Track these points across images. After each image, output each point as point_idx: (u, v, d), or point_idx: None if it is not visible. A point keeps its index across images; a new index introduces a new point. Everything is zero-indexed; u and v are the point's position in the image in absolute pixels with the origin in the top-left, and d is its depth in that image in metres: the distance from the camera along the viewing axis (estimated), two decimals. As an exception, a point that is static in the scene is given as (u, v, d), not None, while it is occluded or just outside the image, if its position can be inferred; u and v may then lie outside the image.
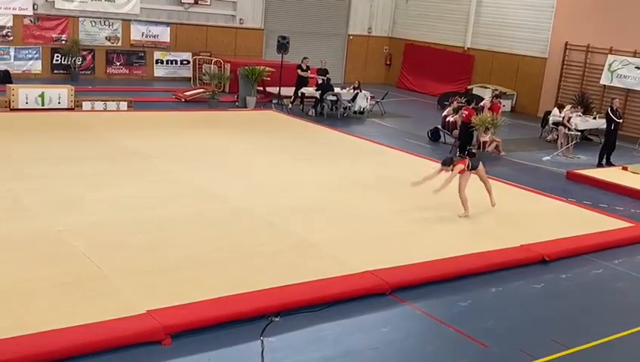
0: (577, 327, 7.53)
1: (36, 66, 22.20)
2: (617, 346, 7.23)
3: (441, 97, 23.92)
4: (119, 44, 23.55)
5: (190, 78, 24.16)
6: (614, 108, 16.36)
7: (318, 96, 20.23)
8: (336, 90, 20.63)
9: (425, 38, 28.22)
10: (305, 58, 21.52)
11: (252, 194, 10.88)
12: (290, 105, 20.66)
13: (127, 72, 23.87)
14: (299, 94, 20.97)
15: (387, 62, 30.01)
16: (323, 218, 10.04)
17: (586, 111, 20.62)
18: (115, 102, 17.73)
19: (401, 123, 20.30)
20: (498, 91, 21.47)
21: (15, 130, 14.24)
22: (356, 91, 20.65)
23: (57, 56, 22.41)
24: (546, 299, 8.23)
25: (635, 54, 21.46)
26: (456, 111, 17.40)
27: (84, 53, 22.82)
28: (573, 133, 17.77)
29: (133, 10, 23.37)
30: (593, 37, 22.46)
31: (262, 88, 21.57)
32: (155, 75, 24.30)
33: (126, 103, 17.85)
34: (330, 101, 20.29)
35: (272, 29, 26.09)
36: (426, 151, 16.19)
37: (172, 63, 24.66)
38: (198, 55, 24.16)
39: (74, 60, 22.41)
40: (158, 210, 9.70)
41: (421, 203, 10.82)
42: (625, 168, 15.53)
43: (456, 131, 16.77)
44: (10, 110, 16.31)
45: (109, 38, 23.35)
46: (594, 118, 19.62)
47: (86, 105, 17.31)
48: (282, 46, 21.48)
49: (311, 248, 8.77)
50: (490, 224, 10.60)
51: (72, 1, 22.32)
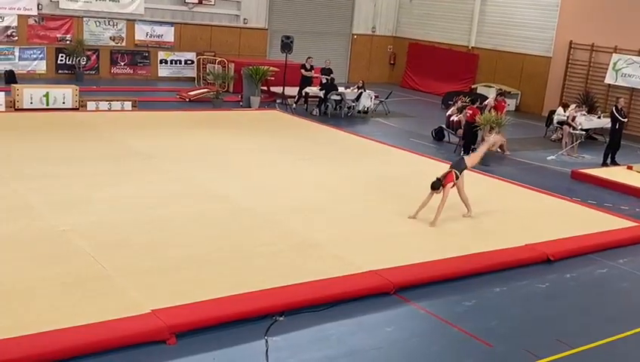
0: (582, 327, 7.51)
1: (41, 66, 22.25)
2: (622, 346, 7.21)
3: (446, 97, 23.89)
4: (123, 44, 23.59)
5: (194, 78, 24.20)
6: (619, 108, 16.33)
7: (322, 96, 20.23)
8: (340, 89, 20.61)
9: (429, 37, 28.19)
10: (309, 57, 21.53)
11: (255, 193, 10.88)
12: (294, 105, 20.67)
13: (132, 71, 23.91)
14: (303, 94, 20.98)
15: (391, 62, 29.98)
16: (327, 217, 10.04)
17: (591, 110, 20.58)
18: (119, 102, 17.78)
19: (405, 122, 20.29)
20: (502, 90, 21.42)
21: (20, 129, 14.27)
22: (360, 91, 20.64)
23: (62, 56, 22.46)
24: (550, 299, 8.21)
25: (639, 53, 21.42)
26: (460, 110, 17.38)
27: (89, 53, 22.86)
28: (577, 132, 17.73)
29: (138, 10, 23.41)
30: (598, 36, 22.42)
31: (266, 88, 21.59)
32: (159, 74, 24.32)
33: (130, 103, 17.89)
34: (334, 101, 20.28)
35: (276, 29, 26.10)
36: (431, 150, 16.17)
37: (176, 63, 24.69)
38: (203, 55, 24.19)
39: (78, 60, 22.46)
40: (162, 209, 9.72)
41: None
42: (630, 167, 15.49)
43: (460, 131, 16.75)
44: (15, 110, 16.35)
45: (113, 38, 23.39)
46: (598, 117, 19.57)
47: (90, 105, 17.36)
48: (286, 46, 21.50)
49: (315, 248, 8.77)
50: (494, 223, 10.59)
51: (76, 1, 22.36)
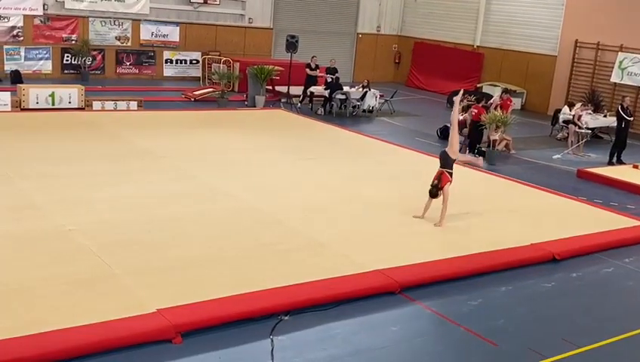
0: (588, 326, 7.50)
1: (46, 66, 22.32)
2: (628, 345, 7.19)
3: (451, 95, 23.83)
4: (129, 44, 23.64)
5: (199, 78, 24.22)
6: (625, 106, 16.29)
7: (327, 95, 20.23)
8: (345, 88, 20.61)
9: (434, 36, 28.16)
10: (314, 57, 21.54)
11: (260, 192, 10.89)
12: (299, 104, 20.68)
13: (137, 71, 23.96)
14: (308, 93, 20.99)
15: (396, 61, 29.96)
16: (331, 216, 10.04)
17: (597, 109, 20.54)
18: (125, 102, 17.82)
19: (410, 121, 20.27)
20: (507, 88, 21.39)
21: (26, 129, 14.32)
22: (365, 90, 20.63)
23: (67, 56, 22.52)
24: (556, 298, 8.20)
25: (645, 51, 21.39)
26: (465, 109, 17.35)
27: (94, 53, 22.92)
28: (583, 131, 17.69)
29: (143, 10, 23.45)
30: (603, 34, 22.36)
31: (271, 87, 21.60)
32: (164, 74, 24.37)
33: (136, 103, 17.93)
34: (339, 100, 20.28)
35: (281, 28, 26.11)
36: (436, 149, 16.00)
37: (181, 63, 24.73)
38: (208, 54, 24.20)
39: (84, 60, 22.51)
40: (167, 209, 9.74)
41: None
42: (636, 166, 15.45)
43: (465, 130, 16.73)
44: (21, 110, 16.40)
45: (118, 38, 23.44)
46: (604, 116, 19.53)
47: (96, 104, 17.40)
48: (291, 45, 21.50)
49: (319, 247, 8.77)
50: (499, 223, 10.57)
51: (81, 1, 22.41)
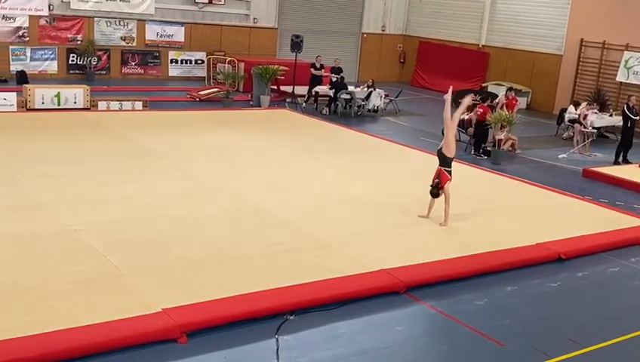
0: (593, 326, 7.48)
1: (52, 66, 22.36)
2: (633, 345, 7.16)
3: (456, 95, 23.75)
4: (134, 44, 23.68)
5: (204, 78, 24.24)
6: (631, 106, 16.22)
7: (332, 95, 20.23)
8: (350, 88, 20.60)
9: (439, 35, 28.11)
10: (318, 56, 21.52)
11: (266, 192, 10.89)
12: (304, 104, 20.68)
13: (142, 71, 23.99)
14: (313, 93, 20.99)
15: (401, 61, 29.93)
16: (336, 216, 10.03)
17: (602, 108, 20.47)
18: (130, 102, 17.86)
19: (415, 121, 20.25)
20: (512, 87, 21.29)
21: (31, 129, 14.35)
22: (370, 89, 20.61)
23: (73, 57, 22.56)
24: (562, 298, 8.18)
25: (651, 51, 21.32)
26: (470, 109, 17.29)
27: (100, 53, 22.96)
28: (589, 130, 17.64)
29: (148, 10, 23.49)
30: (609, 33, 22.28)
31: (276, 87, 21.61)
32: (169, 74, 24.40)
33: (141, 103, 17.96)
34: (344, 99, 20.27)
35: (286, 28, 26.12)
36: (441, 149, 16.09)
37: (186, 63, 24.76)
38: (213, 54, 24.23)
39: (89, 60, 22.55)
40: (173, 208, 9.75)
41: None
42: (642, 166, 15.41)
43: (471, 129, 16.70)
44: (27, 110, 16.45)
45: (124, 38, 23.48)
46: (610, 116, 19.46)
47: (102, 105, 17.44)
48: (296, 45, 21.51)
49: (325, 247, 8.77)
50: (505, 222, 10.55)
51: (87, 1, 22.46)
